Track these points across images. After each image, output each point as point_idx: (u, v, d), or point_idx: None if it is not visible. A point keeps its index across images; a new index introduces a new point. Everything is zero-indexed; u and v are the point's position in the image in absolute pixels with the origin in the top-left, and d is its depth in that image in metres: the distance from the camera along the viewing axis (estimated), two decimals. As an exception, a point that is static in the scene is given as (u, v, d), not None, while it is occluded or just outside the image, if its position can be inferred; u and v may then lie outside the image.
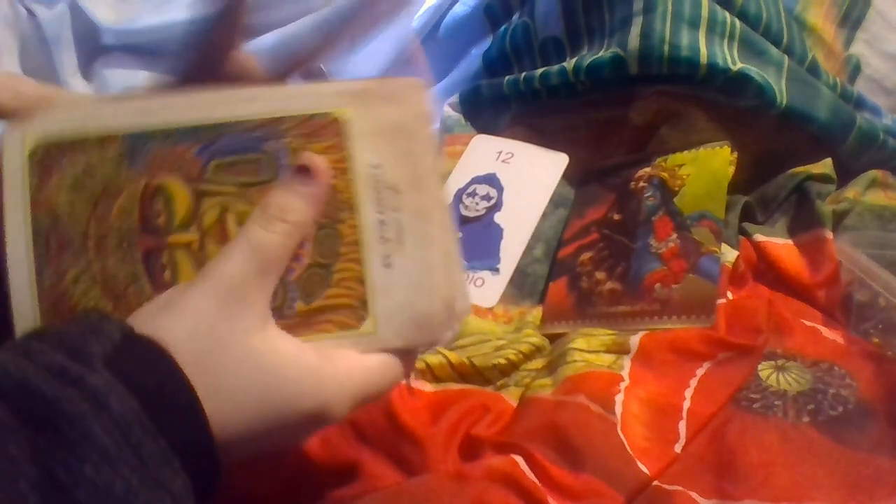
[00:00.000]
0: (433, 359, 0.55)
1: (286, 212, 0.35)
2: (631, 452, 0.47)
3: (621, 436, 0.48)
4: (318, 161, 0.36)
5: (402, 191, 0.38)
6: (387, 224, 0.37)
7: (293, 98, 0.38)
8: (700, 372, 0.54)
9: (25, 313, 0.35)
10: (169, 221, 0.37)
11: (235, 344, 0.33)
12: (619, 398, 0.51)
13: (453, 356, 0.55)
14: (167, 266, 0.36)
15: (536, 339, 0.60)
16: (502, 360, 0.56)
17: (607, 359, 0.55)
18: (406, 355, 0.38)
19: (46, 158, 0.36)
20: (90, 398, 0.28)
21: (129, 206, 0.36)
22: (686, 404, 0.51)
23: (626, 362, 0.54)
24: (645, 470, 0.47)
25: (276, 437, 0.34)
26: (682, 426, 0.50)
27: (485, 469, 0.45)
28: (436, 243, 0.37)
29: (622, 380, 0.53)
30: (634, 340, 0.56)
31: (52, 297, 0.36)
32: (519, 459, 0.46)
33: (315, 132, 0.38)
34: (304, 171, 0.36)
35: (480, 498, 0.43)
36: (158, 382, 0.30)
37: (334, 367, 0.35)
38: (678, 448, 0.49)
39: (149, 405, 0.29)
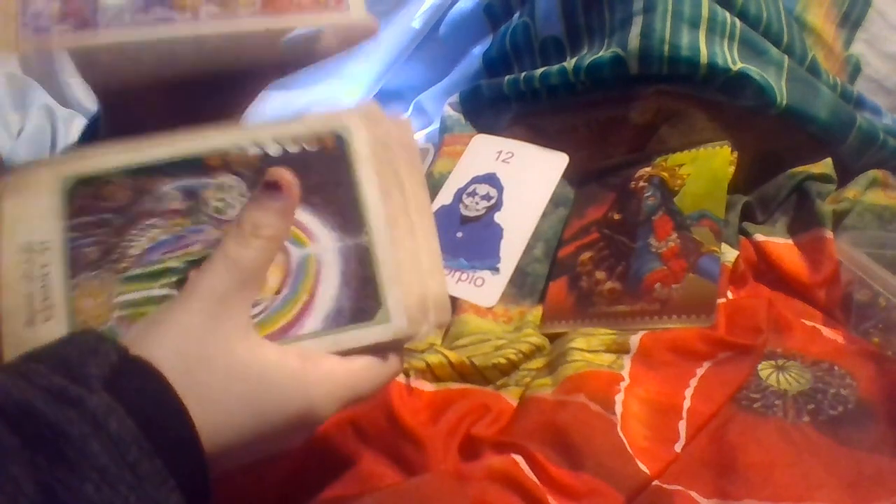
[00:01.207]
0: (433, 358, 0.55)
1: (259, 227, 0.36)
2: (631, 452, 0.47)
3: (621, 435, 0.48)
4: (286, 175, 0.37)
5: None
6: None
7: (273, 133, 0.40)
8: (700, 371, 0.54)
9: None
10: None
11: (221, 356, 0.34)
12: (619, 398, 0.51)
13: (453, 356, 0.55)
14: None
15: (536, 338, 0.60)
16: (502, 360, 0.56)
17: (607, 358, 0.55)
18: (390, 352, 0.39)
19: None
20: (90, 419, 0.28)
21: None
22: (686, 404, 0.51)
23: (627, 362, 0.54)
24: (645, 469, 0.47)
25: (266, 441, 0.35)
26: (682, 426, 0.50)
27: (485, 469, 0.45)
28: (405, 246, 0.40)
29: (622, 379, 0.53)
30: (634, 340, 0.56)
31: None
32: (519, 459, 0.46)
33: None
34: (273, 185, 0.37)
35: (481, 498, 0.43)
36: (154, 404, 0.31)
37: (317, 369, 0.36)
38: (678, 448, 0.49)
39: (145, 426, 0.30)
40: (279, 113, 0.42)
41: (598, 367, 0.54)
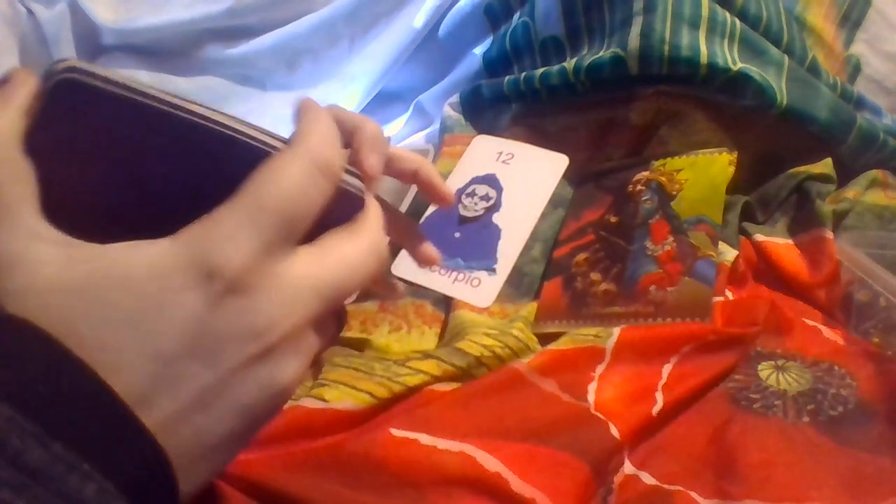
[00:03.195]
0: (413, 379, 0.53)
1: None
2: (603, 417, 0.48)
3: (594, 413, 0.49)
4: None
5: None
6: None
7: None
8: (685, 350, 0.54)
9: None
10: None
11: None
12: (591, 387, 0.51)
13: (434, 368, 0.53)
14: None
15: (524, 334, 0.59)
16: (487, 353, 0.55)
17: (594, 329, 0.56)
18: None
19: None
20: None
21: None
22: (664, 374, 0.52)
23: (611, 341, 0.55)
24: (615, 434, 0.47)
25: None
26: (659, 396, 0.50)
27: (439, 473, 0.44)
28: None
29: (602, 359, 0.53)
30: (617, 329, 0.56)
31: None
32: (474, 451, 0.45)
33: None
34: None
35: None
36: (44, 374, 0.23)
37: None
38: (655, 411, 0.49)
39: (32, 406, 0.22)
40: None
41: (584, 336, 0.55)
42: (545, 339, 0.60)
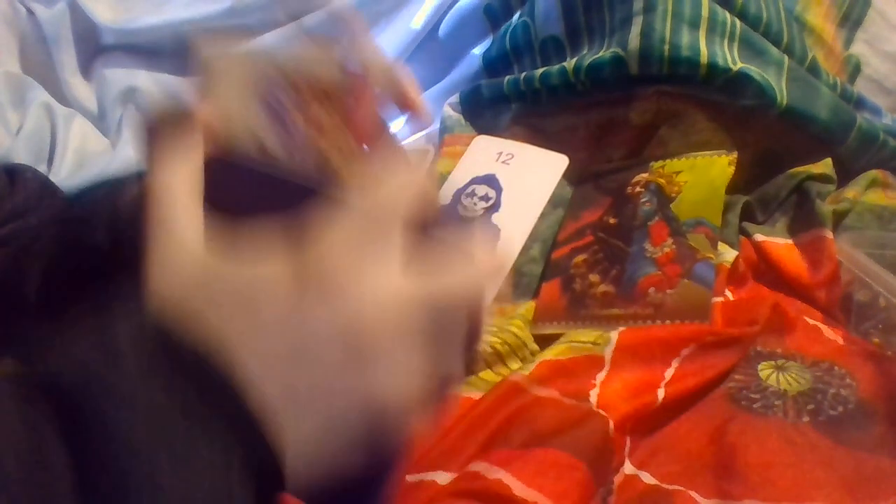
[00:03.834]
0: None
1: None
2: (604, 413, 0.48)
3: (597, 410, 0.49)
4: None
5: None
6: None
7: None
8: (685, 352, 0.54)
9: None
10: None
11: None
12: (593, 392, 0.51)
13: None
14: None
15: (522, 332, 0.59)
16: (488, 349, 0.56)
17: (592, 335, 0.56)
18: None
19: None
20: None
21: None
22: (666, 377, 0.52)
23: (609, 349, 0.54)
24: (611, 429, 0.47)
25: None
26: (661, 392, 0.51)
27: (437, 491, 0.44)
28: None
29: (602, 367, 0.53)
30: (615, 334, 0.56)
31: None
32: (476, 465, 0.45)
33: None
34: None
35: None
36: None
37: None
38: (658, 399, 0.50)
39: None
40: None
41: (581, 346, 0.54)
42: (543, 340, 0.61)
